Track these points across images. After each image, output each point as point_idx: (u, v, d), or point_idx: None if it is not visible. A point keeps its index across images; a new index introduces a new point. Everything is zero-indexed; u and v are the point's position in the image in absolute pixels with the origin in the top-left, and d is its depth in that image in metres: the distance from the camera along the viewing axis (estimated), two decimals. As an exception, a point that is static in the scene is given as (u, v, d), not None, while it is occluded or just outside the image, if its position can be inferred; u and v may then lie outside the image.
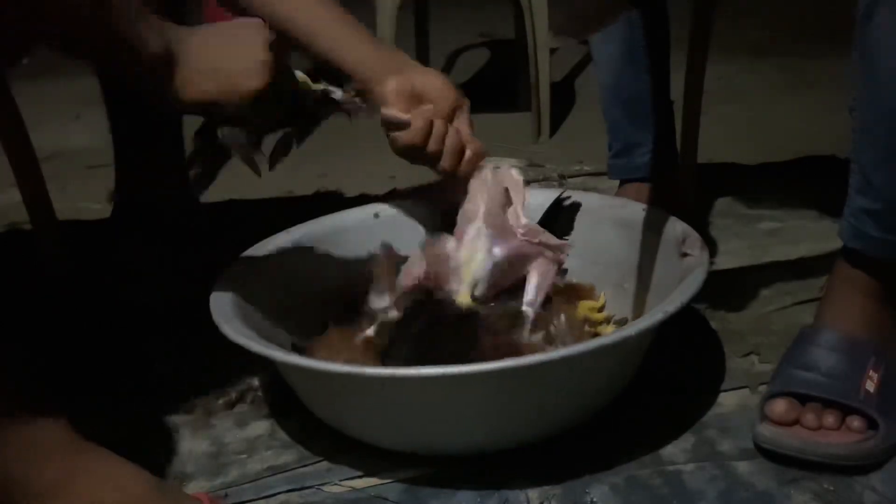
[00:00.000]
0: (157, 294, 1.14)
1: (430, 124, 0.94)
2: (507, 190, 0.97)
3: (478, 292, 0.92)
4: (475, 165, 0.97)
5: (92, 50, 0.78)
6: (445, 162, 0.96)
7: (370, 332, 0.92)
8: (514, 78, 2.17)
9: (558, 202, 1.08)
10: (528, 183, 1.00)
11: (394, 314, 0.92)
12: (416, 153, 0.95)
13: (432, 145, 0.94)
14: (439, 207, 1.02)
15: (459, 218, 0.96)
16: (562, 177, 1.63)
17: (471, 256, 0.92)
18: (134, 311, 1.13)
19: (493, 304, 0.92)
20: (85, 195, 1.57)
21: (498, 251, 0.92)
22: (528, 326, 0.90)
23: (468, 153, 0.97)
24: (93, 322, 1.15)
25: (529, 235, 0.94)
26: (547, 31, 1.88)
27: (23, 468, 0.68)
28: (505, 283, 0.94)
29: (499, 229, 0.94)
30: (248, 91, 0.80)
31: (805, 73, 2.24)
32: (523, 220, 0.95)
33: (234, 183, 1.03)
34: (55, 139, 1.99)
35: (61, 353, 1.10)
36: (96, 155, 1.22)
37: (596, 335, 0.95)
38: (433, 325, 0.90)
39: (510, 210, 0.96)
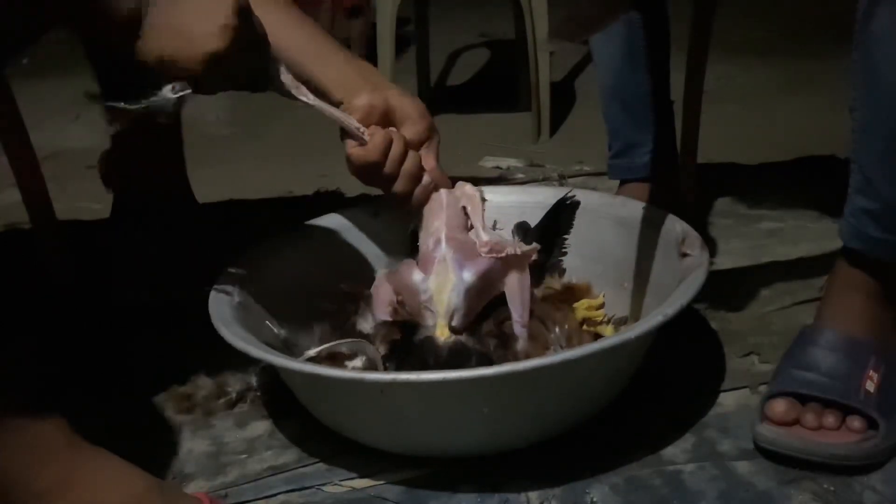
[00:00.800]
0: (157, 294, 1.14)
1: (390, 143, 0.91)
2: (465, 208, 0.95)
3: (455, 322, 0.88)
4: (430, 193, 0.94)
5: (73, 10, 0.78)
6: (399, 185, 0.92)
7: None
8: (514, 78, 2.17)
9: (562, 202, 1.07)
10: (485, 200, 0.96)
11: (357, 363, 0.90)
12: (371, 171, 0.91)
13: (388, 167, 0.91)
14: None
15: (421, 246, 0.93)
16: (562, 177, 1.63)
17: (441, 286, 0.89)
18: (133, 310, 1.13)
19: (477, 328, 0.89)
20: (85, 195, 1.57)
21: (468, 275, 0.89)
22: (522, 343, 0.89)
23: (425, 180, 0.94)
24: (93, 322, 1.15)
25: (494, 251, 0.90)
26: (547, 31, 1.88)
27: (23, 468, 0.68)
28: (480, 305, 0.91)
29: (464, 252, 0.90)
30: (205, 53, 0.78)
31: (805, 73, 2.24)
32: (484, 238, 0.92)
33: (234, 183, 1.03)
34: (55, 139, 1.99)
35: (61, 354, 1.10)
36: (96, 155, 1.22)
37: (596, 335, 0.95)
38: (421, 366, 0.87)
39: (472, 229, 0.94)
